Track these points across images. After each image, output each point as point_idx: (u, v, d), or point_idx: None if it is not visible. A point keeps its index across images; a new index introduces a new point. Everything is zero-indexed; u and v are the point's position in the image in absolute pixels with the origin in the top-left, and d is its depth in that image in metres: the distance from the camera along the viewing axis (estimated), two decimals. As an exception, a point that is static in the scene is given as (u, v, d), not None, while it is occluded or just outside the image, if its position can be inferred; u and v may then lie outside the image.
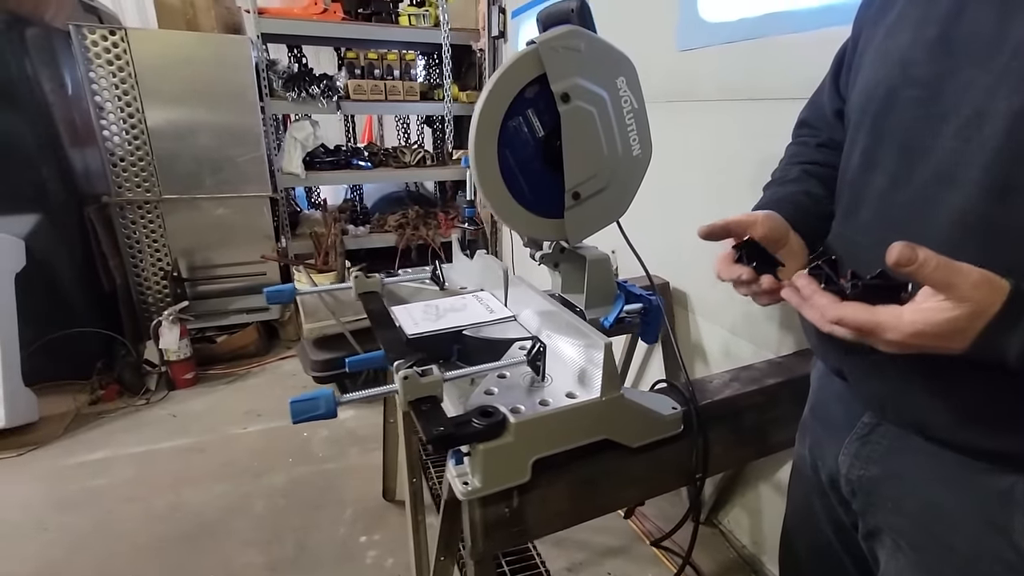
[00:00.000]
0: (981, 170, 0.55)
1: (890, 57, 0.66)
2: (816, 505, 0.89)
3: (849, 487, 0.77)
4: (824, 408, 0.86)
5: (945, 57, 0.59)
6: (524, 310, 1.16)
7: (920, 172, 0.61)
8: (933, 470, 0.66)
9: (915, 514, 0.69)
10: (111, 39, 2.64)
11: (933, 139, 0.60)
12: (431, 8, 3.34)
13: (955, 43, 0.58)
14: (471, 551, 0.88)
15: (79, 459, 2.22)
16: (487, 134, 1.04)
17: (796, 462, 0.97)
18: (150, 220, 2.93)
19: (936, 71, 0.60)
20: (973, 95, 0.56)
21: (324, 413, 0.76)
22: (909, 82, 0.63)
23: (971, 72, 0.56)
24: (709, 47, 1.60)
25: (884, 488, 0.73)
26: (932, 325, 0.50)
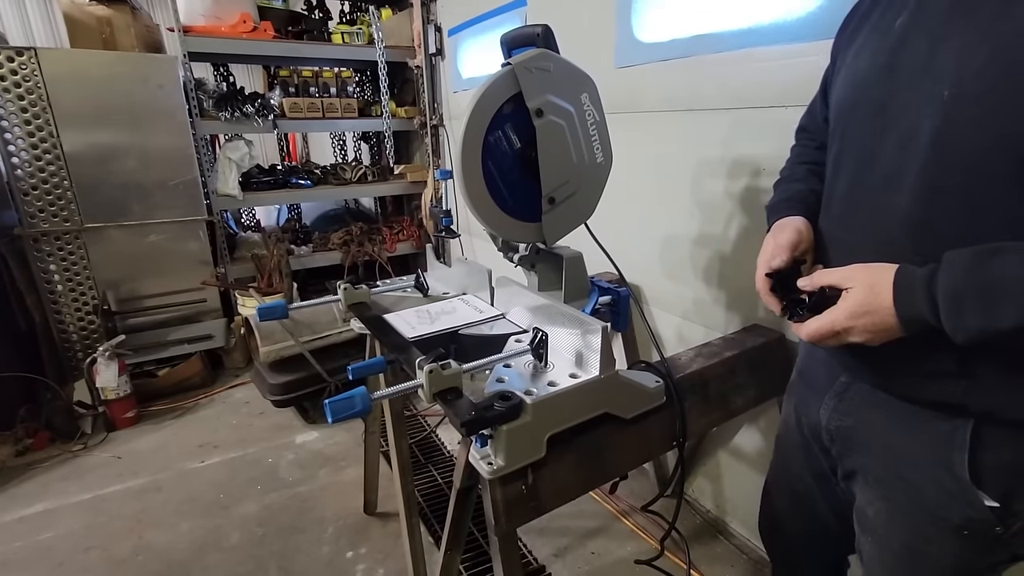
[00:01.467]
0: (915, 176, 0.68)
1: (853, 78, 0.80)
2: (799, 457, 1.04)
3: (828, 436, 0.92)
4: (810, 371, 1.01)
5: (890, 81, 0.72)
6: (513, 307, 1.25)
7: (872, 176, 0.75)
8: (894, 419, 0.81)
9: (879, 454, 0.84)
10: (18, 60, 2.46)
11: (881, 148, 0.73)
12: (363, 26, 3.38)
13: (898, 69, 0.72)
14: (495, 528, 0.95)
15: (16, 515, 2.02)
16: (472, 148, 1.13)
17: (782, 420, 1.13)
18: (70, 252, 2.72)
19: (884, 92, 0.73)
20: (908, 113, 0.69)
21: (361, 410, 0.81)
22: (864, 100, 0.77)
23: (907, 94, 0.70)
24: (646, 64, 1.78)
25: (856, 435, 0.88)
26: (852, 305, 0.69)
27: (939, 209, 0.68)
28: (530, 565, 1.73)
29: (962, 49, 0.64)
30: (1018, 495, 0.72)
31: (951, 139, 0.65)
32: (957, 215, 0.66)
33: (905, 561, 0.84)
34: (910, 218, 0.70)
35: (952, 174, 0.66)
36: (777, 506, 1.17)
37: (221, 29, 2.94)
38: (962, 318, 0.61)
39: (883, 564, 0.88)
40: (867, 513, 0.88)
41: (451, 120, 3.27)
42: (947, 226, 0.67)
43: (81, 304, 2.77)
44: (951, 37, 0.66)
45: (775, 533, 1.23)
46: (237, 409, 2.76)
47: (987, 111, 0.62)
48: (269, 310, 1.22)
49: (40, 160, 2.57)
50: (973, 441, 0.72)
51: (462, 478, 1.04)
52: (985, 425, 0.71)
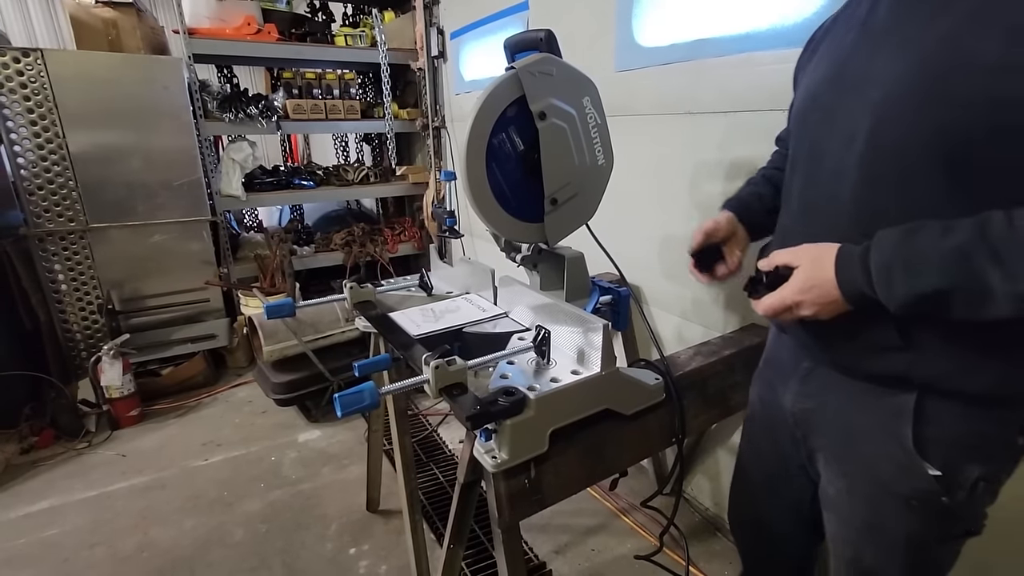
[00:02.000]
0: (856, 170, 0.77)
1: (808, 89, 0.90)
2: (768, 442, 1.10)
3: (793, 419, 0.99)
4: (776, 358, 1.08)
5: (837, 89, 0.82)
6: (516, 306, 1.28)
7: (822, 173, 0.84)
8: (850, 398, 0.87)
9: (837, 433, 0.91)
10: (24, 61, 2.48)
11: (827, 147, 0.82)
12: (366, 29, 3.41)
13: (843, 78, 0.81)
14: (499, 521, 0.98)
15: (21, 512, 2.04)
16: (476, 150, 1.16)
17: (749, 408, 1.18)
18: (75, 251, 2.74)
19: (831, 99, 0.83)
20: (851, 116, 0.78)
21: (369, 404, 0.83)
22: (816, 107, 0.86)
23: (849, 99, 0.79)
24: (645, 68, 1.81)
25: (817, 417, 0.94)
26: (800, 280, 0.77)
27: (878, 198, 0.76)
28: (531, 562, 1.76)
29: (890, 57, 0.73)
30: (959, 464, 0.78)
31: (882, 137, 0.74)
32: (893, 203, 0.74)
33: (865, 536, 0.90)
34: (855, 207, 0.78)
35: (885, 167, 0.74)
36: (746, 497, 1.22)
37: (225, 31, 2.96)
38: (891, 287, 0.69)
39: (846, 541, 0.94)
40: (829, 492, 0.94)
41: (453, 122, 3.30)
42: (886, 213, 0.74)
43: (86, 303, 2.79)
44: (885, 47, 0.75)
45: (744, 525, 1.27)
46: (240, 408, 2.78)
47: (908, 111, 0.70)
48: (277, 308, 1.24)
49: (46, 160, 2.59)
50: (917, 413, 0.78)
51: (466, 472, 1.07)
52: (928, 397, 0.78)
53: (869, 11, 0.79)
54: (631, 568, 1.73)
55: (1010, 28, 0.61)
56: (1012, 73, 0.61)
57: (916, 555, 0.86)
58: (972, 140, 0.66)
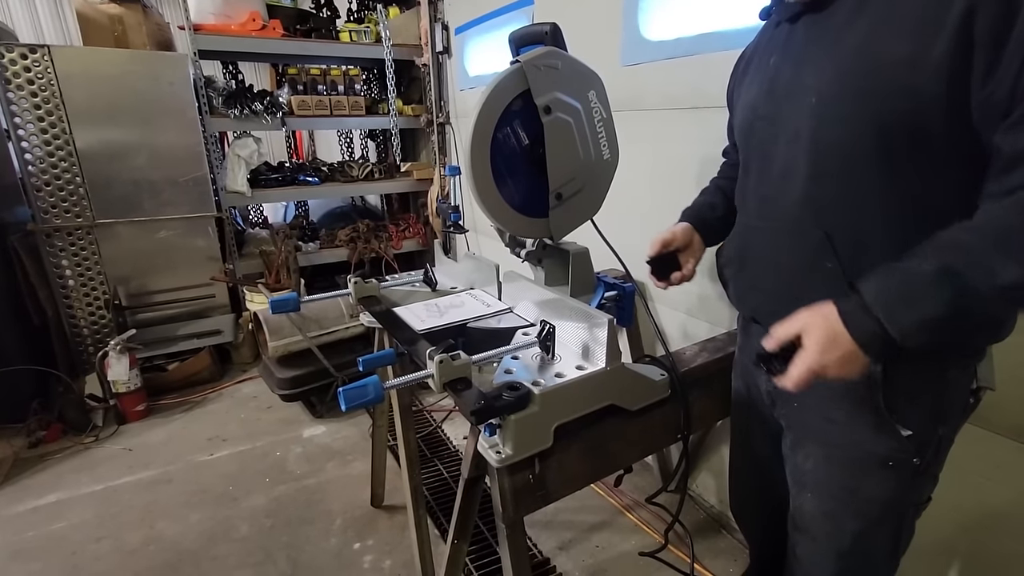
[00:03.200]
0: (804, 165, 0.85)
1: (745, 105, 1.00)
2: (753, 426, 1.15)
3: (771, 400, 1.05)
4: (747, 345, 1.13)
5: (772, 100, 0.92)
6: (520, 302, 1.27)
7: (773, 171, 0.92)
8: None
9: (810, 405, 0.96)
10: (31, 57, 2.49)
11: (775, 149, 0.91)
12: (371, 24, 3.40)
13: (775, 90, 0.91)
14: (503, 517, 0.97)
15: (29, 505, 2.06)
16: (481, 144, 1.15)
17: (733, 397, 1.23)
18: (82, 247, 2.76)
19: (769, 109, 0.92)
20: (791, 119, 0.87)
21: (374, 398, 0.83)
22: (758, 116, 0.95)
23: (787, 106, 0.88)
24: (652, 62, 1.80)
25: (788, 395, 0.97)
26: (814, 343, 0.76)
27: (826, 188, 0.84)
28: (535, 557, 1.76)
29: (817, 67, 0.83)
30: (925, 423, 0.86)
31: (822, 133, 0.83)
32: (840, 191, 0.83)
33: (844, 502, 0.94)
34: (806, 198, 0.87)
35: (828, 160, 0.83)
36: (742, 483, 1.26)
37: (231, 27, 2.96)
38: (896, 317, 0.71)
39: (826, 514, 0.97)
40: (804, 467, 0.99)
41: (458, 118, 3.29)
42: (835, 201, 0.84)
43: (92, 299, 2.81)
44: (808, 61, 0.86)
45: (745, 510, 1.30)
46: (245, 403, 2.79)
47: (842, 107, 0.80)
48: (282, 303, 1.24)
49: (53, 157, 2.61)
50: (885, 377, 0.85)
51: (470, 467, 1.07)
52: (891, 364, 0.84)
53: (787, 37, 0.91)
54: (635, 565, 1.73)
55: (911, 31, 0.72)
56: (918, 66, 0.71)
57: (894, 521, 0.93)
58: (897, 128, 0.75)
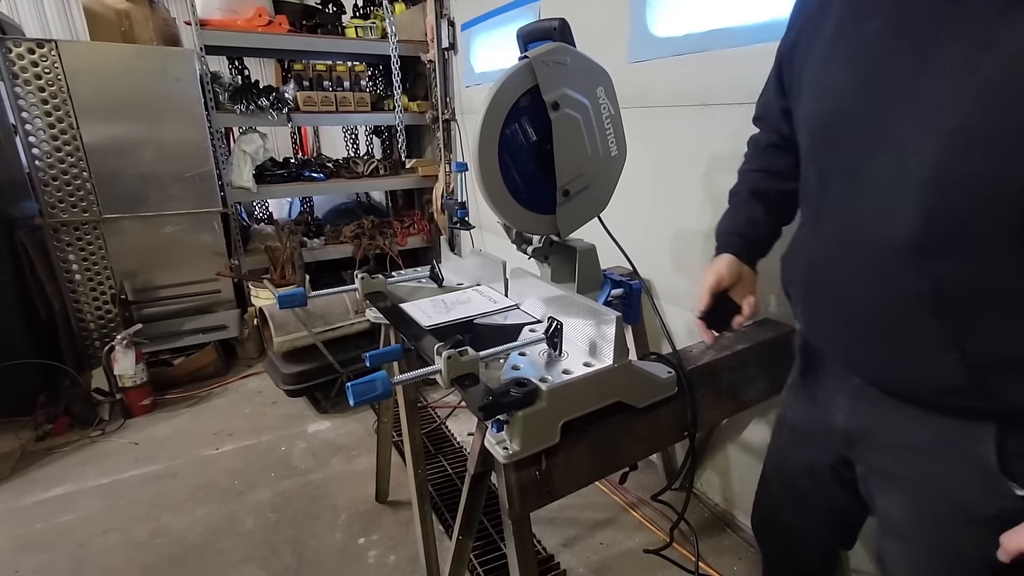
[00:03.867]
0: (912, 204, 0.65)
1: (825, 92, 0.77)
2: (798, 456, 1.04)
3: (844, 438, 0.90)
4: (815, 372, 0.97)
5: (870, 97, 0.69)
6: (527, 298, 1.27)
7: (864, 200, 0.72)
8: (915, 418, 0.78)
9: (901, 453, 0.81)
10: (39, 52, 2.50)
11: (871, 172, 0.70)
12: (377, 20, 3.40)
13: (878, 86, 0.69)
14: (510, 512, 0.97)
15: (36, 498, 2.08)
16: (489, 140, 1.15)
17: (781, 419, 1.11)
18: (89, 242, 2.77)
19: (863, 108, 0.70)
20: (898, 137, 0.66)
21: (382, 393, 0.83)
22: (845, 119, 0.74)
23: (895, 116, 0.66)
24: (659, 59, 1.79)
25: (875, 435, 0.85)
26: None
27: (943, 242, 0.65)
28: (539, 554, 1.76)
29: (959, 73, 0.60)
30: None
31: (952, 173, 0.62)
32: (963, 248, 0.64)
33: (936, 559, 0.82)
34: (911, 244, 0.67)
35: (955, 211, 0.63)
36: (772, 502, 1.17)
37: (237, 23, 2.97)
38: None
39: (913, 566, 0.85)
40: (891, 514, 0.85)
41: (463, 115, 3.28)
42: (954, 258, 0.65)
43: (99, 293, 2.82)
44: (940, 62, 0.62)
45: (768, 527, 1.23)
46: (250, 398, 2.80)
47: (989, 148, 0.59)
48: (289, 297, 1.24)
49: (60, 151, 2.61)
50: (1000, 432, 0.70)
51: (477, 463, 1.07)
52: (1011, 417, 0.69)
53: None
54: (640, 562, 1.73)
55: None
56: None
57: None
58: None
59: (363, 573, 1.73)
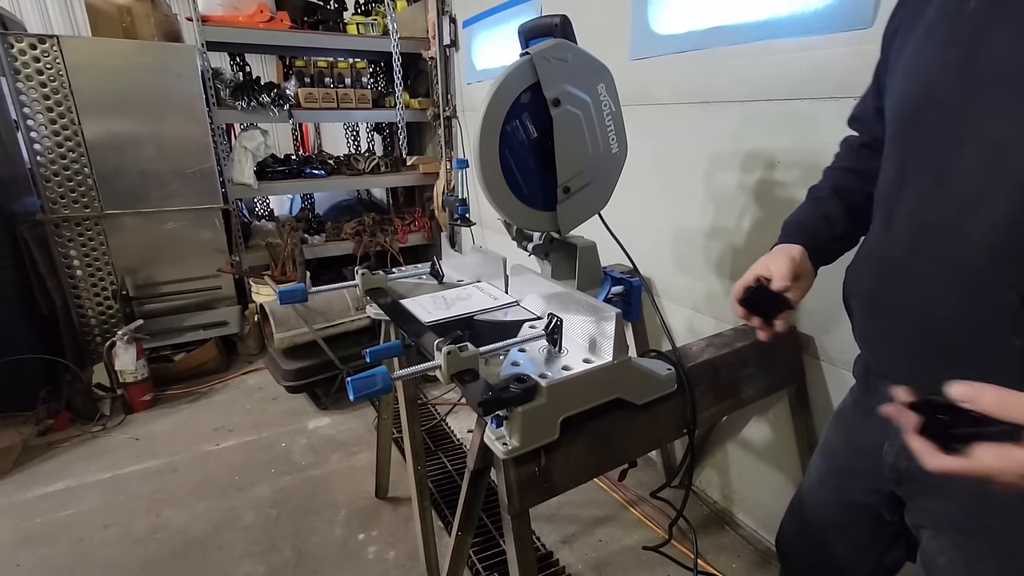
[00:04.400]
0: (1006, 199, 0.57)
1: (915, 73, 0.69)
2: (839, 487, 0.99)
3: (895, 475, 0.83)
4: (869, 403, 0.89)
5: (965, 81, 0.61)
6: (527, 295, 1.27)
7: (947, 194, 0.64)
8: None
9: (959, 500, 0.74)
10: (41, 47, 2.50)
11: (958, 161, 0.62)
12: (378, 17, 3.39)
13: (975, 67, 0.60)
14: (509, 508, 0.98)
15: (38, 492, 2.08)
16: (489, 137, 1.15)
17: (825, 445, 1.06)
18: (90, 237, 2.77)
19: (957, 93, 0.62)
20: (993, 123, 0.58)
21: (382, 388, 0.83)
22: (932, 101, 0.65)
23: (990, 99, 0.59)
24: (661, 57, 1.79)
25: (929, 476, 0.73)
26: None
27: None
28: (538, 551, 1.76)
29: None
30: None
31: None
32: None
33: None
34: (998, 247, 0.59)
35: None
36: (801, 533, 1.12)
37: (238, 19, 2.96)
38: None
39: None
40: (938, 562, 0.79)
41: (464, 112, 3.28)
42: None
43: (100, 289, 2.83)
44: None
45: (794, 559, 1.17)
46: (251, 394, 2.81)
47: None
48: (290, 293, 1.25)
49: (61, 147, 2.62)
50: None
51: (476, 459, 1.07)
52: None
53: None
54: (638, 559, 1.73)
55: None
56: None
57: None
58: None
59: (363, 569, 1.73)
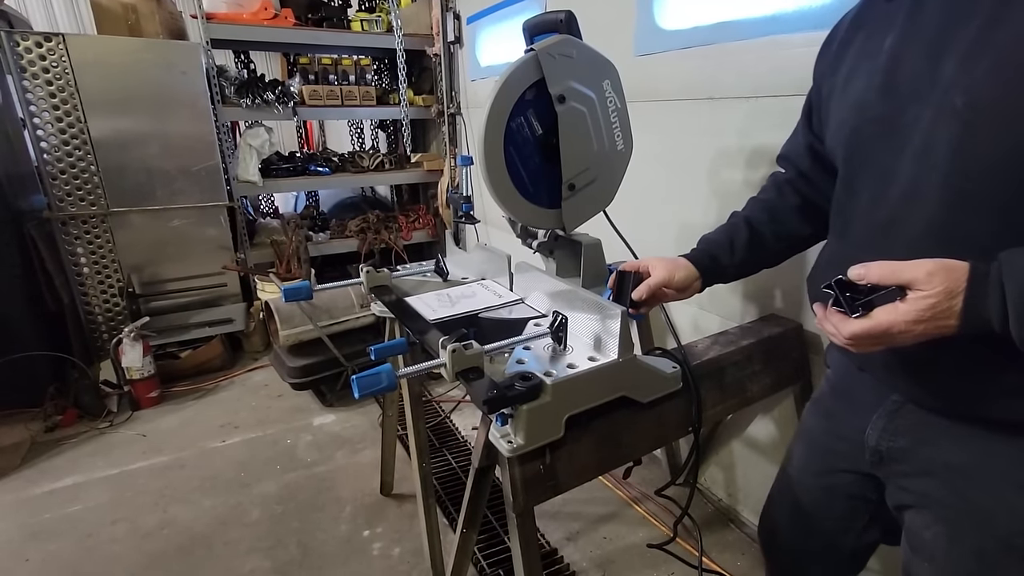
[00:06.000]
0: (938, 188, 0.67)
1: (850, 102, 0.80)
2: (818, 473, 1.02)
3: (876, 457, 0.87)
4: (848, 388, 0.96)
5: (892, 99, 0.73)
6: (532, 292, 1.27)
7: (892, 192, 0.74)
8: (958, 439, 0.76)
9: (942, 476, 0.78)
10: (47, 45, 2.51)
11: (897, 165, 0.72)
12: (382, 14, 3.39)
13: (896, 87, 0.72)
14: (513, 506, 0.98)
15: (46, 488, 2.10)
16: (494, 134, 1.15)
17: (803, 433, 1.09)
18: (97, 235, 2.79)
19: (887, 110, 0.74)
20: (920, 126, 0.69)
21: (387, 386, 0.83)
22: (869, 121, 0.77)
23: (915, 108, 0.70)
24: (666, 52, 1.77)
25: (912, 456, 0.81)
26: (919, 311, 0.61)
27: (968, 217, 0.66)
28: (543, 548, 1.76)
29: (966, 58, 0.64)
30: None
31: (971, 146, 0.65)
32: (988, 220, 0.65)
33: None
34: (941, 231, 0.68)
35: (977, 180, 0.65)
36: (781, 519, 1.15)
37: (243, 16, 2.97)
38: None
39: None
40: (923, 537, 0.82)
41: (468, 109, 3.27)
42: (979, 233, 0.65)
43: (107, 286, 2.84)
44: (950, 48, 0.66)
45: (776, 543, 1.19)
46: (256, 391, 2.82)
47: (1004, 116, 0.62)
48: (295, 290, 1.25)
49: (68, 145, 2.63)
50: None
51: (481, 457, 1.07)
52: None
53: (910, 13, 0.71)
54: (643, 556, 1.73)
55: None
56: None
57: None
58: None
59: (367, 565, 1.74)
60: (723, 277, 1.13)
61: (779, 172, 1.11)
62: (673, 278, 1.08)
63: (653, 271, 1.09)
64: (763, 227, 1.07)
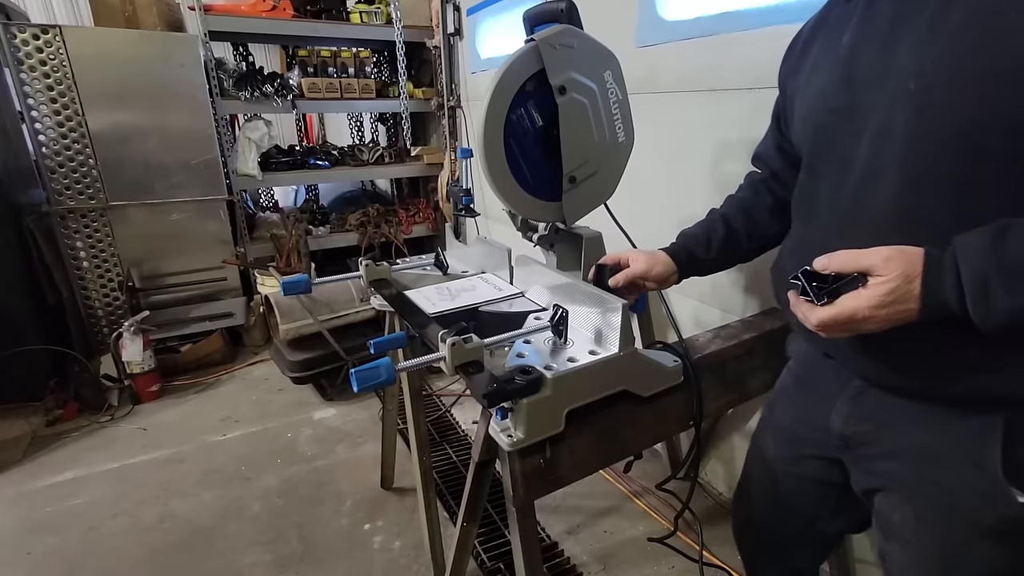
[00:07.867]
0: (895, 169, 0.70)
1: (813, 95, 0.84)
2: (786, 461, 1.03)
3: (842, 442, 0.88)
4: (811, 377, 0.98)
5: (850, 90, 0.76)
6: (532, 286, 1.26)
7: (852, 177, 0.76)
8: (918, 420, 0.78)
9: (904, 458, 0.80)
10: (44, 38, 2.49)
11: (857, 150, 0.75)
12: (382, 5, 3.36)
13: (855, 78, 0.76)
14: (513, 500, 0.97)
15: (47, 481, 2.10)
16: (494, 125, 1.13)
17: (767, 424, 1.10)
18: (96, 229, 2.78)
19: (846, 100, 0.77)
20: (878, 113, 0.72)
21: (386, 380, 0.82)
22: (829, 110, 0.80)
23: (872, 96, 0.73)
24: (667, 43, 1.75)
25: (876, 440, 0.83)
26: (880, 296, 0.64)
27: (925, 197, 0.69)
28: (543, 542, 1.77)
29: (917, 45, 0.67)
30: None
31: (924, 128, 0.67)
32: (945, 200, 0.67)
33: (939, 568, 0.80)
34: (899, 210, 0.71)
35: (932, 162, 0.67)
36: (751, 509, 1.16)
37: (241, 8, 2.94)
38: (988, 303, 0.59)
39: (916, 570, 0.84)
40: (893, 519, 0.83)
41: (468, 101, 3.25)
42: (938, 215, 0.68)
43: (107, 280, 2.84)
44: (902, 38, 0.69)
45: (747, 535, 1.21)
46: (256, 385, 2.82)
47: (954, 96, 0.64)
48: (293, 284, 1.24)
49: (66, 139, 2.62)
50: (1007, 437, 0.69)
51: (481, 451, 1.06)
52: (1018, 418, 0.69)
53: (865, 11, 0.75)
54: (643, 550, 1.73)
55: None
56: None
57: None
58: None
59: (368, 558, 1.74)
60: (699, 271, 1.16)
61: (754, 172, 1.15)
62: (651, 271, 1.11)
63: (633, 263, 1.12)
64: (738, 225, 1.11)
